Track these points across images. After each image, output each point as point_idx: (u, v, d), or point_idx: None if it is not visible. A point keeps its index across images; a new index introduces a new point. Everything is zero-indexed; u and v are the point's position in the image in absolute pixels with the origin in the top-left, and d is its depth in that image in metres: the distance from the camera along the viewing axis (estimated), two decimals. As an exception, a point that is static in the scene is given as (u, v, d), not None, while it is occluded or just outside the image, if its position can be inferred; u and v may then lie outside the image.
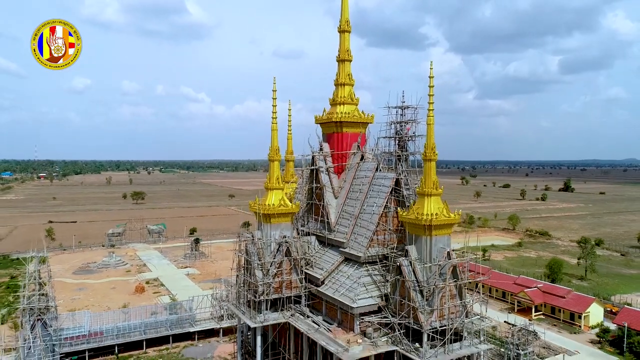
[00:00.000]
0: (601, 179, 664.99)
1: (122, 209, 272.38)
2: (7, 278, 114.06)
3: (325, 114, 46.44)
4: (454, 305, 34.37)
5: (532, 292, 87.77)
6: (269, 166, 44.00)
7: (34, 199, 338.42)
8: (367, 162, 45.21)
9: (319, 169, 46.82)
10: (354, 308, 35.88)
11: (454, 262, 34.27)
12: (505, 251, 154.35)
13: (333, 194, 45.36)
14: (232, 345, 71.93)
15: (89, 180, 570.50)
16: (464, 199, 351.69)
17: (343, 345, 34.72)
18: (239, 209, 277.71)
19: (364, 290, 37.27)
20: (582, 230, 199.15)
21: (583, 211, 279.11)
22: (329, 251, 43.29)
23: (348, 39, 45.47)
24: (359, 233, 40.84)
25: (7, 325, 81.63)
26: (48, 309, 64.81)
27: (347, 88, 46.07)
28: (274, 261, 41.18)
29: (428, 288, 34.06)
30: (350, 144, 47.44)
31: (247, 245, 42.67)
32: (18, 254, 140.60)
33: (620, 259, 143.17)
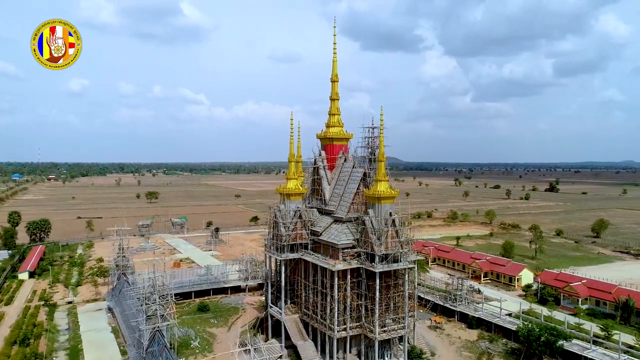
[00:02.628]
0: (590, 181, 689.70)
1: (139, 207, 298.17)
2: (67, 258, 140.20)
3: (322, 133, 73.30)
4: (393, 241, 60.94)
5: (481, 263, 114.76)
6: (288, 165, 70.66)
7: (53, 199, 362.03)
8: (348, 162, 71.86)
9: (318, 167, 73.58)
10: (338, 244, 62.30)
11: (393, 218, 60.95)
12: (478, 239, 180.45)
13: (327, 182, 72.05)
14: (255, 297, 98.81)
15: (98, 182, 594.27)
16: (454, 198, 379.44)
17: (332, 264, 61.57)
18: (246, 207, 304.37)
19: (344, 236, 63.69)
20: (551, 223, 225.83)
21: (560, 209, 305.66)
22: (324, 217, 69.84)
23: (337, 86, 72.16)
24: (342, 205, 67.42)
25: (85, 287, 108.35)
26: (127, 266, 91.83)
27: (337, 117, 72.55)
28: (292, 222, 67.76)
29: (379, 232, 60.41)
30: (338, 151, 74.25)
31: (276, 213, 69.36)
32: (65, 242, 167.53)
33: (572, 245, 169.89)
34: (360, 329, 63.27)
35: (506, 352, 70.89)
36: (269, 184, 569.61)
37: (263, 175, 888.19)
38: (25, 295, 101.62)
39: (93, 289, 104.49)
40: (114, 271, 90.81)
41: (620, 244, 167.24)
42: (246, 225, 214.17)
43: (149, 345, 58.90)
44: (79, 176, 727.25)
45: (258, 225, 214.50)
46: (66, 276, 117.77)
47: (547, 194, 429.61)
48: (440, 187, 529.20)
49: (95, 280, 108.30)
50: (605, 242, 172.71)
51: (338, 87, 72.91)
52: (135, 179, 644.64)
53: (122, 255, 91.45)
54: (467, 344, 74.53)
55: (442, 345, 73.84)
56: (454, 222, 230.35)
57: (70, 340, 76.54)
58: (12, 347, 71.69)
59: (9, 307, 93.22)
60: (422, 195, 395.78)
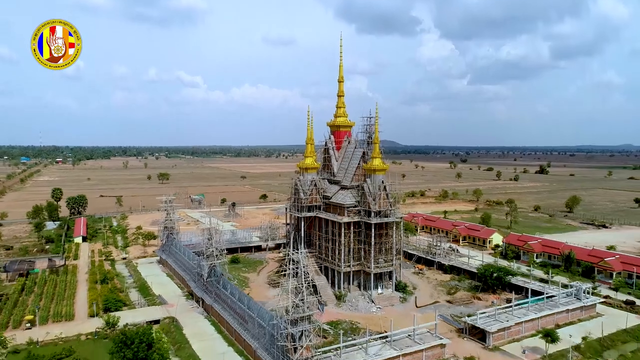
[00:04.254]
0: (582, 164, 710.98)
1: (152, 187, 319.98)
2: (107, 227, 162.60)
3: (332, 122, 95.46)
4: (384, 202, 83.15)
5: (460, 229, 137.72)
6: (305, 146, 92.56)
7: (69, 180, 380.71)
8: (351, 144, 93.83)
9: (329, 148, 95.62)
10: (344, 204, 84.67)
11: (385, 185, 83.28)
12: (464, 214, 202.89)
13: (335, 159, 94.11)
14: (274, 254, 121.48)
15: (105, 165, 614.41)
16: (447, 179, 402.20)
17: (340, 218, 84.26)
18: (252, 187, 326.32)
19: (349, 198, 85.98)
20: (533, 201, 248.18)
21: (545, 189, 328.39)
22: (333, 185, 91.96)
23: (342, 85, 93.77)
24: (347, 176, 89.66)
25: (133, 247, 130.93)
26: (173, 227, 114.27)
27: (342, 109, 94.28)
28: (309, 189, 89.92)
29: (374, 195, 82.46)
30: (343, 135, 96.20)
31: (297, 182, 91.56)
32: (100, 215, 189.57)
33: (547, 218, 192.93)
34: (360, 265, 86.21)
35: (470, 287, 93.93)
36: (271, 167, 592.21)
37: (264, 159, 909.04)
38: (87, 253, 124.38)
39: (141, 249, 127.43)
40: (163, 232, 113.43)
41: (588, 217, 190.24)
42: (256, 202, 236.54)
43: (208, 276, 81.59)
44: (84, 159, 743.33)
45: (267, 201, 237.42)
46: (113, 240, 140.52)
47: (536, 176, 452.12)
48: (436, 170, 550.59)
49: (144, 242, 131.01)
50: (575, 216, 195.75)
51: (344, 86, 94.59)
52: (139, 162, 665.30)
53: (169, 220, 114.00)
54: (441, 283, 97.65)
55: (422, 283, 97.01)
56: (444, 200, 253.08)
57: (136, 282, 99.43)
58: (96, 284, 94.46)
59: (78, 261, 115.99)
60: (417, 177, 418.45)
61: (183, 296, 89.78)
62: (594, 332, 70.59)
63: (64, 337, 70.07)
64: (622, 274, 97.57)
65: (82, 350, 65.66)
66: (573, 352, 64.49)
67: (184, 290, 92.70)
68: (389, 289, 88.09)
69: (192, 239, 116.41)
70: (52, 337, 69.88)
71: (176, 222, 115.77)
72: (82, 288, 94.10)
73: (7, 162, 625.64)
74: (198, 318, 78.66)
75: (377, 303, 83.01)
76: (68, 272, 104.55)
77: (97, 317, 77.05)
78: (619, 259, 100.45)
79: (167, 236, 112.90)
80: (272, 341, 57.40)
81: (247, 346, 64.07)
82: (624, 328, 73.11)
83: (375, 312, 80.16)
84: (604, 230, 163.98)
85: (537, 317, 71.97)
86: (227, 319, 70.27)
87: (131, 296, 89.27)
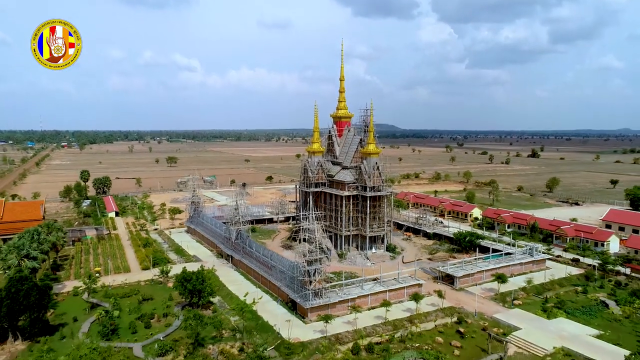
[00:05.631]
0: (575, 148, 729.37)
1: (163, 170, 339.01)
2: (133, 205, 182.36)
3: (334, 113, 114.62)
4: (377, 179, 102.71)
5: (445, 204, 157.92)
6: (313, 133, 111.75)
7: (81, 164, 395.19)
8: (350, 132, 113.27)
9: (332, 135, 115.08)
10: (345, 181, 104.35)
11: (378, 165, 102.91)
12: (453, 193, 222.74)
13: (337, 144, 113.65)
14: (284, 225, 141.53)
15: (111, 149, 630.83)
16: (442, 163, 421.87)
17: (341, 192, 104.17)
18: (257, 170, 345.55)
19: (349, 176, 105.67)
20: (519, 182, 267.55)
21: (533, 172, 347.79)
22: (336, 166, 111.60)
23: (343, 84, 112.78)
24: (347, 158, 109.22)
25: (161, 220, 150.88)
26: (199, 202, 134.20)
27: (343, 103, 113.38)
28: (316, 169, 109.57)
29: (368, 173, 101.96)
30: (344, 125, 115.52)
31: (306, 163, 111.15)
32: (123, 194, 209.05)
33: (527, 197, 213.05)
34: (357, 230, 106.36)
35: (448, 249, 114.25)
36: (272, 151, 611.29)
37: (264, 143, 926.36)
38: (122, 225, 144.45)
39: (169, 221, 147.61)
40: (191, 206, 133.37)
41: (565, 197, 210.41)
42: (263, 183, 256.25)
43: (235, 239, 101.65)
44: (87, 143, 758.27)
45: (272, 183, 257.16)
46: (142, 215, 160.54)
47: (527, 159, 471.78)
48: (432, 154, 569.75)
49: (172, 215, 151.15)
50: (554, 196, 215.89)
51: (344, 84, 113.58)
52: (143, 146, 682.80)
53: (196, 196, 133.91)
54: (424, 246, 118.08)
55: (409, 246, 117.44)
56: (437, 181, 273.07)
57: (171, 246, 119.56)
58: (140, 247, 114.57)
59: (117, 231, 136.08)
60: (413, 161, 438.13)
61: (213, 256, 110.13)
62: (540, 279, 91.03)
63: (128, 282, 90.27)
64: (575, 239, 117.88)
65: (144, 291, 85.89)
66: (520, 292, 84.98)
67: (213, 252, 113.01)
68: (381, 250, 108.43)
69: (214, 212, 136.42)
70: (119, 282, 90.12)
71: (201, 198, 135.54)
72: (129, 250, 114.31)
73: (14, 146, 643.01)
74: (229, 270, 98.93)
75: (371, 260, 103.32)
76: (112, 239, 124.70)
77: (149, 269, 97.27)
78: (573, 227, 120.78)
79: (194, 209, 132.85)
80: (291, 281, 77.51)
81: (271, 287, 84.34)
82: (564, 277, 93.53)
83: (369, 266, 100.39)
84: (576, 207, 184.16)
85: (495, 267, 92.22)
86: (255, 268, 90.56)
87: (170, 256, 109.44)
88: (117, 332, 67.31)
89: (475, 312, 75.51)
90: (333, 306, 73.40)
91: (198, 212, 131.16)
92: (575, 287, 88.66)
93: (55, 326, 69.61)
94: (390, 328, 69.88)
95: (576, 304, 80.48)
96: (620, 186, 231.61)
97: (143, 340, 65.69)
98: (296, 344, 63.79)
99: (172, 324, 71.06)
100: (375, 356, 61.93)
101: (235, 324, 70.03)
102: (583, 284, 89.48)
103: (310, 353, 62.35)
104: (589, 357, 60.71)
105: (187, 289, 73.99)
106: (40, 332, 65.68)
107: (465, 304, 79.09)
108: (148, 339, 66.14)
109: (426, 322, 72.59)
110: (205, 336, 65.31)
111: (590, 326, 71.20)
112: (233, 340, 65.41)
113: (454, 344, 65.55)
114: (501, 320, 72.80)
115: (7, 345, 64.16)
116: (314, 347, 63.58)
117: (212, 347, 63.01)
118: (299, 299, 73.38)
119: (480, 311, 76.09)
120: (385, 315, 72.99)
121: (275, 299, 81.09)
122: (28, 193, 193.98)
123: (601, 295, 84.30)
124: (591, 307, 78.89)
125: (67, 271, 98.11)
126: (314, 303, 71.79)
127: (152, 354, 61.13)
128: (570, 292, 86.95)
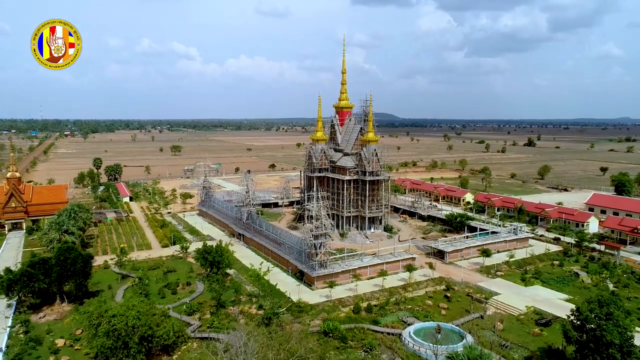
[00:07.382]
0: (572, 137, 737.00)
1: (167, 159, 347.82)
2: (146, 191, 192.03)
3: (336, 104, 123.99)
4: (376, 165, 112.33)
5: (440, 190, 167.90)
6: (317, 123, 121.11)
7: (87, 152, 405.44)
8: (351, 121, 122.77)
9: (334, 124, 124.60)
10: (347, 167, 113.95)
11: (377, 152, 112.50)
12: (448, 180, 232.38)
13: (339, 133, 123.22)
14: (289, 209, 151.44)
15: (114, 138, 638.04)
16: (440, 151, 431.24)
17: (343, 177, 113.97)
18: (259, 158, 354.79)
19: (350, 162, 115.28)
20: (513, 170, 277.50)
21: (528, 160, 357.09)
22: (338, 153, 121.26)
23: (345, 76, 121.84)
24: (348, 145, 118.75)
25: (173, 205, 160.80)
26: (210, 187, 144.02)
27: (345, 94, 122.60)
28: (319, 155, 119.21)
29: (368, 159, 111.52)
30: (345, 114, 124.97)
31: (310, 150, 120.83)
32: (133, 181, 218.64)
33: (519, 184, 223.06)
34: (357, 212, 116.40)
35: (440, 230, 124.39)
36: (273, 140, 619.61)
37: (264, 132, 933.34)
38: (137, 209, 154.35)
39: (181, 206, 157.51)
40: (202, 191, 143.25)
41: (555, 183, 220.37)
42: (266, 171, 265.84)
43: (247, 219, 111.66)
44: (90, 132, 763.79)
45: (275, 171, 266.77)
46: (155, 200, 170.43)
47: (524, 148, 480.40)
48: (430, 143, 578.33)
49: (184, 200, 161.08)
50: (544, 182, 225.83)
51: (346, 76, 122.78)
52: (145, 135, 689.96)
53: (207, 181, 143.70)
54: (419, 227, 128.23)
55: (405, 227, 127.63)
56: (433, 169, 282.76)
57: (186, 227, 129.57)
58: (157, 228, 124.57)
59: (134, 215, 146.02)
60: (412, 149, 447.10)
61: (225, 235, 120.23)
62: (522, 255, 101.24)
63: (151, 257, 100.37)
64: (558, 221, 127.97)
65: (167, 264, 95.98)
66: (503, 265, 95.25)
67: (225, 232, 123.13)
68: (379, 229, 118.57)
69: (223, 197, 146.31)
70: (143, 257, 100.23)
71: (212, 183, 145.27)
72: (148, 231, 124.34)
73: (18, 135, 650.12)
74: (241, 247, 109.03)
75: (370, 238, 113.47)
76: (130, 221, 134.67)
77: (169, 247, 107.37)
78: (556, 210, 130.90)
79: (205, 194, 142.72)
80: (299, 254, 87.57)
81: (281, 261, 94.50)
82: (543, 252, 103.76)
83: (368, 244, 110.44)
84: (564, 193, 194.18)
85: (482, 244, 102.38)
86: (265, 245, 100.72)
87: (186, 236, 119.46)
88: (148, 297, 77.42)
89: (462, 281, 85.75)
90: (336, 276, 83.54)
91: (209, 196, 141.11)
92: (553, 261, 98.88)
93: (94, 292, 79.76)
94: (387, 294, 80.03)
95: (552, 275, 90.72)
96: (609, 173, 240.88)
97: (171, 303, 75.84)
98: (306, 305, 74.03)
99: (195, 290, 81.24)
100: (373, 315, 72.15)
101: (251, 289, 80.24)
102: (560, 259, 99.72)
103: (318, 312, 72.58)
104: (554, 314, 70.99)
105: (208, 260, 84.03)
106: (83, 295, 75.84)
107: (454, 275, 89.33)
108: (176, 302, 76.30)
109: (418, 289, 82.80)
110: (226, 300, 75.53)
111: (562, 292, 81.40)
112: (250, 303, 75.58)
113: (441, 306, 75.85)
114: (484, 288, 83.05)
115: (56, 307, 74.31)
116: (320, 308, 73.81)
117: (233, 308, 73.25)
118: (307, 269, 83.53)
119: (466, 280, 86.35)
120: (382, 283, 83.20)
121: (284, 271, 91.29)
122: (42, 180, 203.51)
123: (575, 268, 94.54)
124: (565, 277, 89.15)
125: (95, 248, 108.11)
126: (319, 272, 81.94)
127: (182, 312, 71.32)
128: (548, 265, 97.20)
